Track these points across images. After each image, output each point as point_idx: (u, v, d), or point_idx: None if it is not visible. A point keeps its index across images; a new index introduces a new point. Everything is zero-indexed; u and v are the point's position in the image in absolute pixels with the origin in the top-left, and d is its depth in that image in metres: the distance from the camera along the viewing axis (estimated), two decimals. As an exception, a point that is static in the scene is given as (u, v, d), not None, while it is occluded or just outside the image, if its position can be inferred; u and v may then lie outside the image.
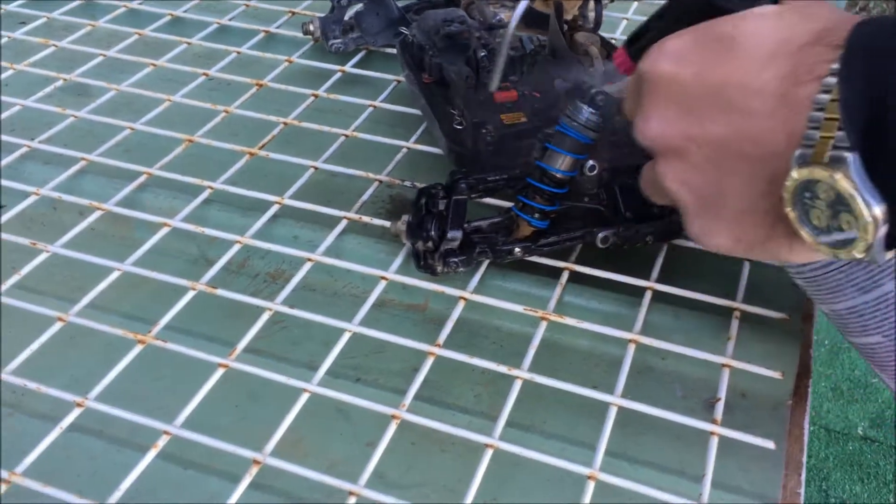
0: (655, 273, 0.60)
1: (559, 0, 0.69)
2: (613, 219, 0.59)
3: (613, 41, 0.75)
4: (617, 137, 0.59)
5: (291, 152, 0.71)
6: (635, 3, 0.96)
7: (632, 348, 0.54)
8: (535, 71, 0.68)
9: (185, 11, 0.94)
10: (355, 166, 0.70)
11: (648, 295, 0.58)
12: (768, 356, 0.55)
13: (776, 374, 0.53)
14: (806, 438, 0.54)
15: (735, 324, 0.56)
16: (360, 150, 0.73)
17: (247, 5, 0.95)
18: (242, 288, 0.62)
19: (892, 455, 1.78)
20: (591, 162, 0.58)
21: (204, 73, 0.82)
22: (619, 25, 0.91)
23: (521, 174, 0.59)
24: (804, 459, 0.53)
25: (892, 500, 1.70)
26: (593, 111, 0.55)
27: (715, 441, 0.49)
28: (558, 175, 0.57)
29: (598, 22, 0.66)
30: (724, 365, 0.54)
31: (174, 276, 0.59)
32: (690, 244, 0.62)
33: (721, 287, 0.60)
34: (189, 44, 0.87)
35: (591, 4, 0.67)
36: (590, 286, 0.60)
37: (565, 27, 0.68)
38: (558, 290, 0.59)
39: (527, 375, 0.52)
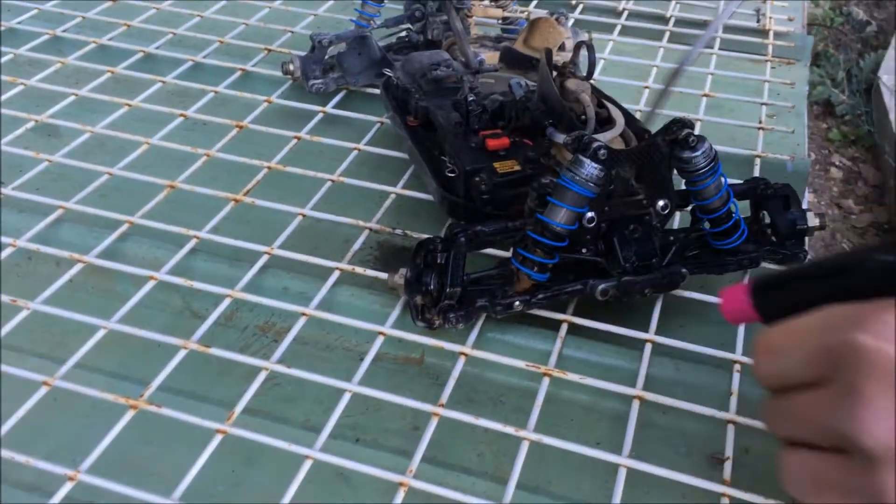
0: (654, 324, 0.60)
1: (549, 47, 0.69)
2: (612, 271, 0.59)
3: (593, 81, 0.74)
4: (614, 188, 0.59)
5: (277, 198, 0.70)
6: (610, 43, 0.97)
7: (636, 405, 0.54)
8: (526, 118, 0.68)
9: (157, 48, 0.91)
10: (343, 213, 0.69)
11: (649, 348, 0.58)
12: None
13: (781, 431, 0.53)
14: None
15: (737, 377, 0.56)
16: (347, 196, 0.72)
17: (220, 41, 0.93)
18: (231, 342, 0.60)
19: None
20: (590, 214, 0.57)
21: (181, 114, 0.80)
22: (597, 66, 0.91)
23: (520, 225, 0.58)
24: (810, 516, 0.53)
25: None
26: (597, 166, 0.54)
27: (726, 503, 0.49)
28: (558, 228, 0.56)
29: (590, 70, 0.66)
30: (729, 421, 0.53)
31: (160, 331, 0.57)
32: (686, 294, 0.62)
33: (719, 336, 0.60)
34: (164, 82, 0.85)
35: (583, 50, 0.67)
36: (589, 338, 0.60)
37: (554, 73, 0.68)
38: (558, 343, 0.58)
39: (534, 437, 0.51)
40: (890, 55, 2.52)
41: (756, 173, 0.75)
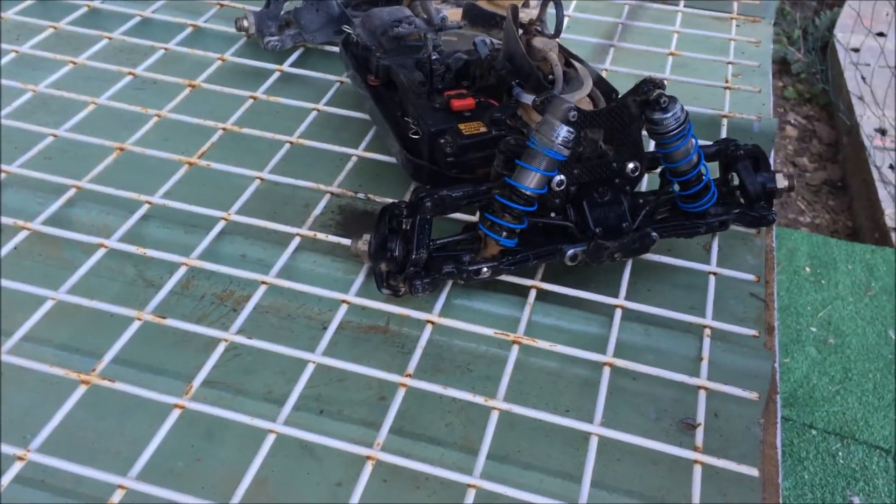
0: (623, 289, 0.59)
1: (515, 4, 0.66)
2: (581, 235, 0.58)
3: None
4: (583, 150, 0.57)
5: (233, 161, 0.67)
6: (574, 2, 0.95)
7: (607, 371, 0.53)
8: (491, 77, 0.66)
9: (102, 2, 0.87)
10: (302, 176, 0.66)
11: (618, 313, 0.57)
12: (740, 375, 0.54)
13: (752, 396, 0.52)
14: (780, 457, 0.54)
15: (707, 342, 0.55)
16: (307, 158, 0.69)
17: (170, -5, 0.89)
18: (188, 312, 0.58)
19: (806, 433, 1.85)
20: (559, 177, 0.56)
21: (130, 73, 0.76)
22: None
23: (487, 189, 0.56)
24: (780, 480, 0.53)
25: (805, 476, 1.77)
26: (568, 128, 0.52)
27: (699, 470, 0.48)
28: (528, 193, 0.54)
29: (558, 28, 0.64)
30: (700, 387, 0.53)
31: (112, 302, 0.55)
32: (654, 258, 0.61)
33: (688, 300, 0.60)
34: (110, 38, 0.81)
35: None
36: (557, 304, 0.58)
37: (520, 31, 0.66)
38: (527, 310, 0.57)
39: (504, 406, 0.50)
40: (845, 13, 2.53)
41: (723, 134, 0.74)
